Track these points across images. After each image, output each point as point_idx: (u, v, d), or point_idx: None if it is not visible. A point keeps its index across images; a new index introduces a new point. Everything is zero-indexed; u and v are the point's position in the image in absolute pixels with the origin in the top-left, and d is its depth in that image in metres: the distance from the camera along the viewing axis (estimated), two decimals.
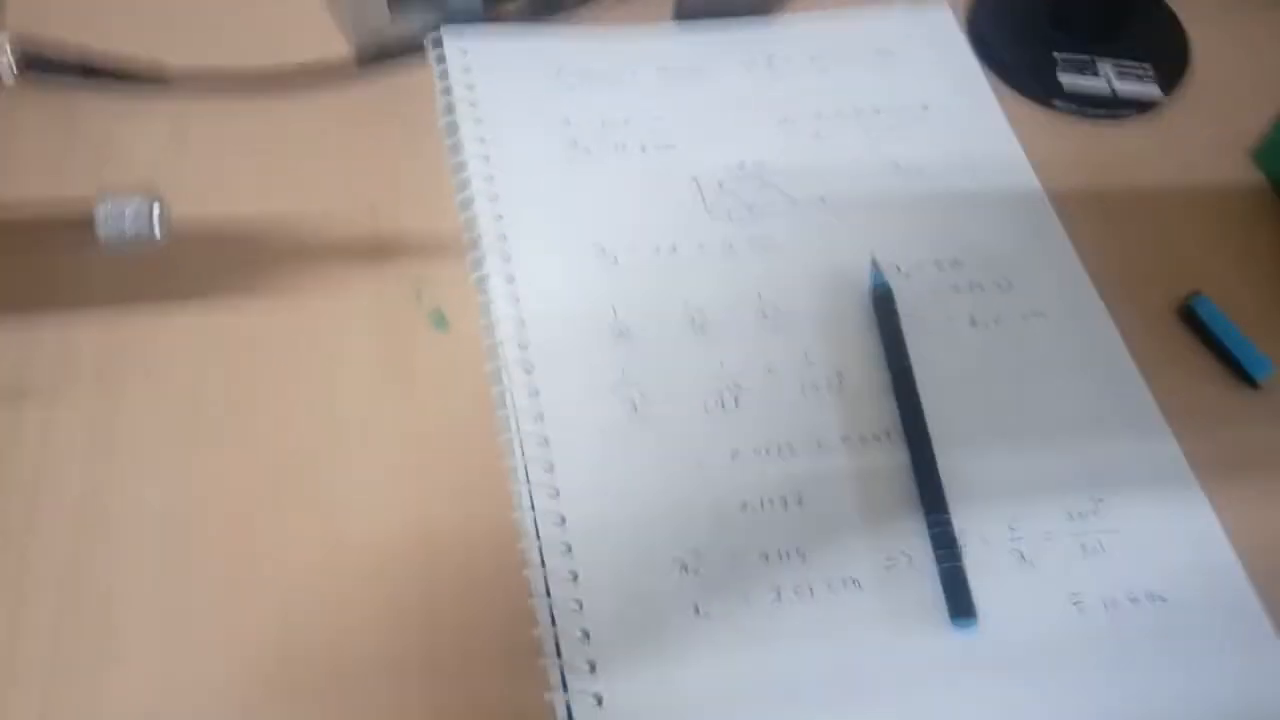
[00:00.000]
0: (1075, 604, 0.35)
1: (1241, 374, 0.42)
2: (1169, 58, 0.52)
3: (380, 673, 0.32)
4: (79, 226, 0.31)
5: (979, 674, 0.34)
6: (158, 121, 0.43)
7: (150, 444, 0.35)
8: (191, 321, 0.38)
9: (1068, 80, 0.50)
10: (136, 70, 0.43)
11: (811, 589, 0.35)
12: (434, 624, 0.33)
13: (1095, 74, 0.50)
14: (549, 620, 0.33)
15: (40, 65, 0.42)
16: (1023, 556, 0.36)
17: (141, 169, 0.37)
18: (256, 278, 0.39)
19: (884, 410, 0.39)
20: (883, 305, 0.41)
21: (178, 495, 0.35)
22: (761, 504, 0.36)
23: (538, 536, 0.35)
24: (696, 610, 0.34)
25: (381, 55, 0.45)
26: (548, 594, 0.34)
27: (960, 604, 0.35)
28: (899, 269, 0.42)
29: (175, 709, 0.31)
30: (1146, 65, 0.51)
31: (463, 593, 0.34)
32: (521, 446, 0.36)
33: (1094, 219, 0.45)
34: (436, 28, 0.46)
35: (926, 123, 0.47)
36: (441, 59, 0.45)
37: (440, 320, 0.40)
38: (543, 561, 0.34)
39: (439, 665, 0.33)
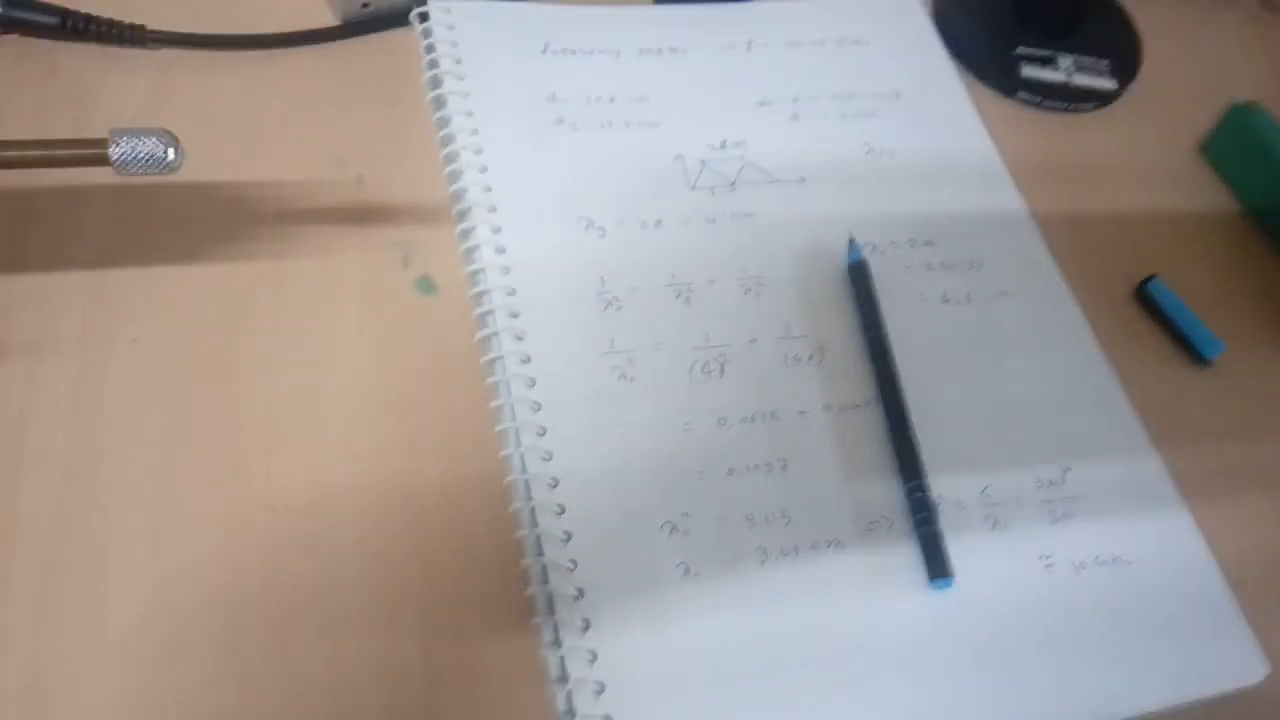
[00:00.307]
0: (1046, 566, 0.37)
1: (1194, 353, 0.44)
2: (1123, 54, 0.54)
3: (374, 630, 0.33)
4: (90, 153, 0.31)
5: (956, 631, 0.35)
6: (139, 82, 0.42)
7: (136, 401, 0.35)
8: (177, 281, 0.38)
9: (1029, 72, 0.52)
10: (116, 28, 0.42)
11: (796, 550, 0.36)
12: (428, 584, 0.34)
13: (1055, 67, 0.52)
14: (543, 579, 0.34)
15: (19, 18, 0.41)
16: (995, 521, 0.38)
17: (117, 125, 0.36)
18: (243, 240, 0.39)
19: (863, 381, 0.40)
20: (859, 279, 0.42)
21: (165, 450, 0.34)
22: (747, 469, 0.37)
23: (530, 498, 0.35)
24: (686, 571, 0.35)
25: (365, 23, 0.45)
26: (541, 554, 0.34)
27: (937, 565, 0.36)
28: (874, 246, 0.44)
29: (162, 660, 0.31)
30: (1103, 61, 0.53)
31: (456, 553, 0.34)
32: (513, 411, 0.37)
33: (1055, 204, 0.47)
34: None
35: (898, 108, 0.49)
36: (428, 30, 0.45)
37: (428, 286, 0.40)
38: (535, 522, 0.35)
39: (434, 623, 0.33)
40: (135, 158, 0.30)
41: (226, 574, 0.33)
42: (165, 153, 0.30)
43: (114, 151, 0.30)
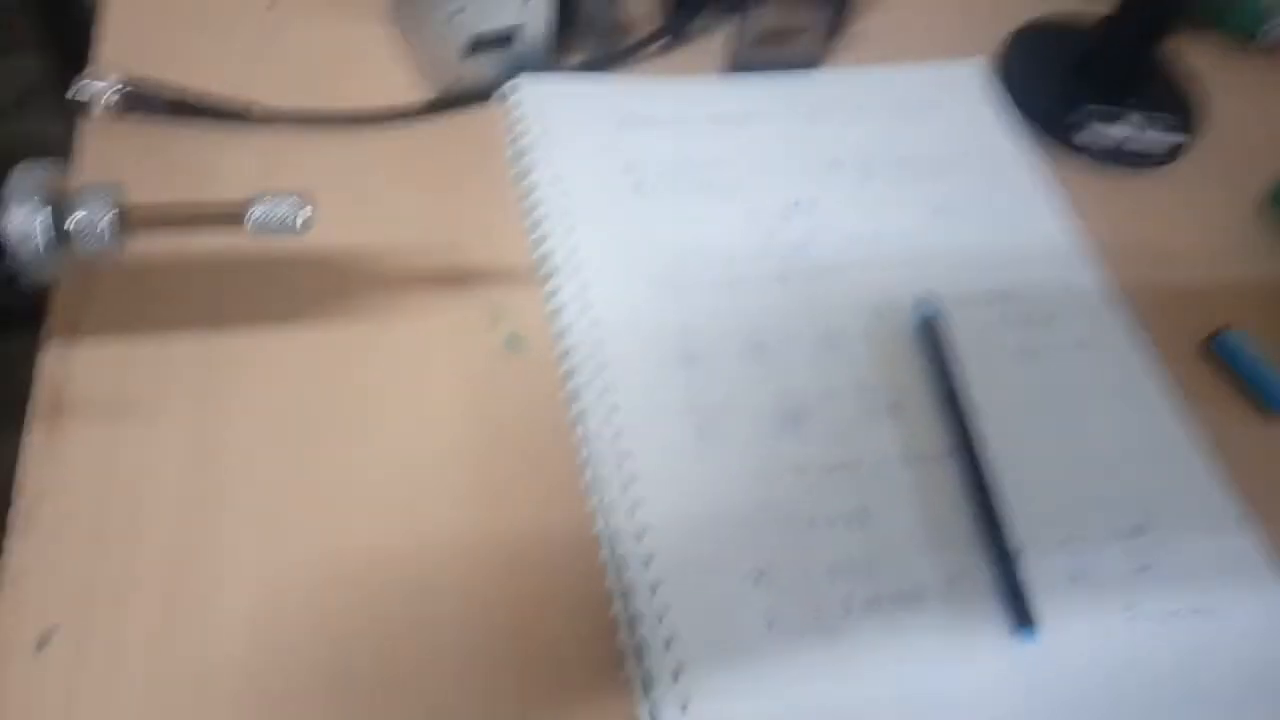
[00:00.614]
0: (1130, 616, 0.37)
1: (1265, 404, 0.44)
2: (1185, 112, 0.55)
3: (468, 672, 0.34)
4: (229, 214, 0.34)
5: (1043, 681, 0.36)
6: (248, 155, 0.45)
7: (245, 454, 0.37)
8: (283, 342, 0.40)
9: (1094, 130, 0.53)
10: (228, 107, 0.45)
11: (879, 602, 0.37)
12: (520, 629, 0.35)
13: (1119, 123, 0.53)
14: (632, 628, 0.35)
15: (139, 100, 0.45)
16: (1077, 572, 0.38)
17: (236, 196, 0.39)
18: (343, 301, 0.42)
19: (939, 432, 0.41)
20: (931, 334, 0.43)
21: (272, 500, 0.36)
22: (829, 520, 0.38)
23: (618, 547, 0.36)
24: (770, 622, 0.36)
25: (455, 100, 0.48)
26: (630, 602, 0.35)
27: (1021, 615, 0.36)
28: (946, 300, 0.45)
29: (266, 698, 0.32)
30: (1166, 118, 0.54)
31: (547, 601, 0.36)
32: (601, 461, 0.38)
33: (1121, 259, 0.48)
34: (508, 76, 0.49)
35: (965, 169, 0.50)
36: (514, 104, 0.48)
37: (516, 343, 0.42)
38: (623, 571, 0.36)
39: (526, 668, 0.34)
40: (270, 220, 0.33)
41: (328, 616, 0.34)
42: (297, 216, 0.33)
43: (252, 213, 0.33)
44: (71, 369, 0.38)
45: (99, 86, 0.44)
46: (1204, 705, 0.36)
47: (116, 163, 0.44)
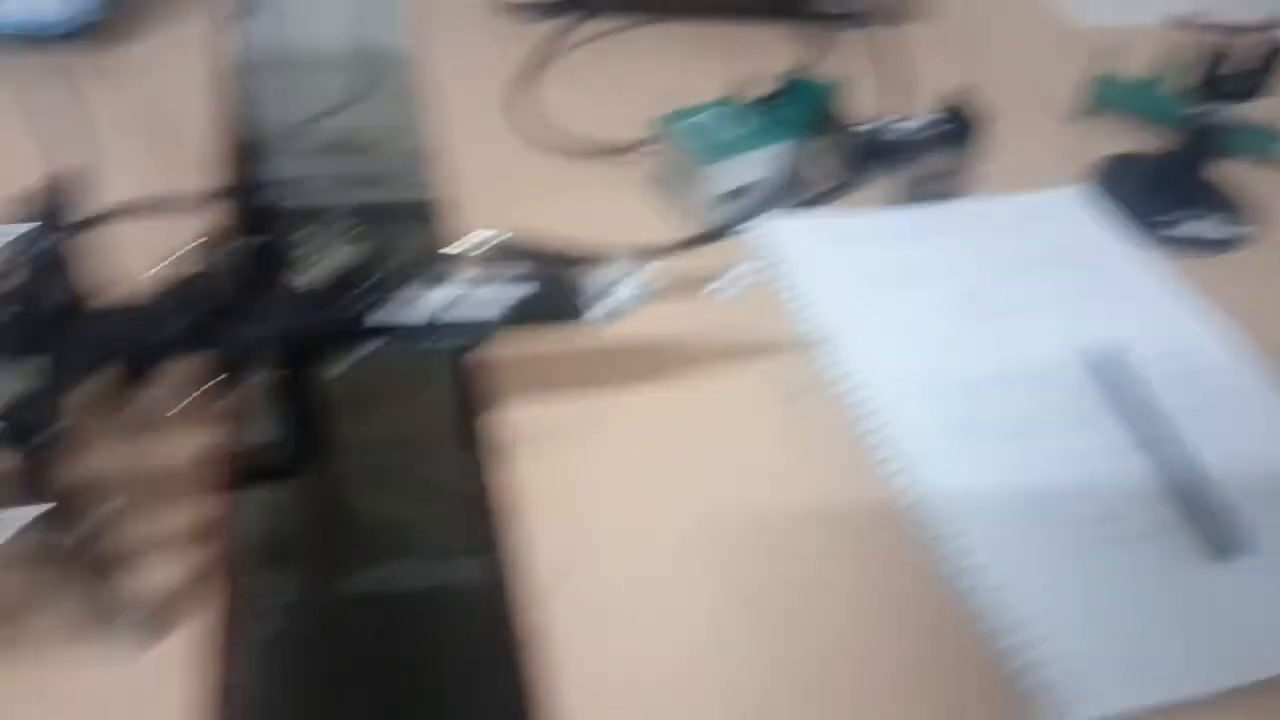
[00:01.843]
0: None
1: None
2: (1235, 212, 0.73)
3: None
4: None
5: None
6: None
7: (601, 493, 0.51)
8: (628, 400, 0.55)
9: (1172, 228, 0.70)
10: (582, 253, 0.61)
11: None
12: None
13: (1191, 223, 0.71)
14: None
15: (513, 249, 0.60)
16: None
17: None
18: (666, 376, 0.57)
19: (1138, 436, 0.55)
20: (1117, 373, 0.58)
21: (626, 529, 0.50)
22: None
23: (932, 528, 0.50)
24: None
25: (717, 233, 0.65)
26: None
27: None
28: (1121, 361, 0.60)
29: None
30: (1224, 215, 0.72)
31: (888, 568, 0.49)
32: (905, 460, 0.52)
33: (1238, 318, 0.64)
34: (749, 216, 0.66)
35: (1090, 261, 0.67)
36: (760, 235, 0.65)
37: (804, 396, 0.56)
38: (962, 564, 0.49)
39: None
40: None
41: (727, 630, 0.47)
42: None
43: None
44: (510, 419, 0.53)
45: (478, 238, 0.60)
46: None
47: None
